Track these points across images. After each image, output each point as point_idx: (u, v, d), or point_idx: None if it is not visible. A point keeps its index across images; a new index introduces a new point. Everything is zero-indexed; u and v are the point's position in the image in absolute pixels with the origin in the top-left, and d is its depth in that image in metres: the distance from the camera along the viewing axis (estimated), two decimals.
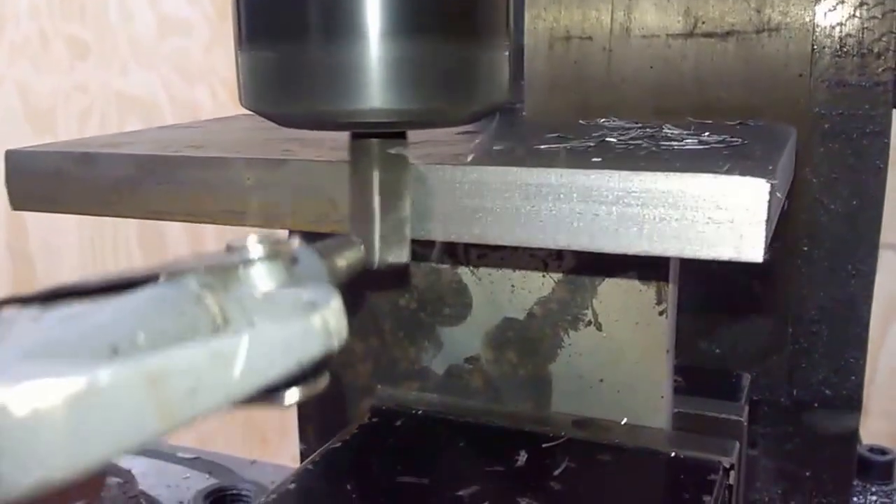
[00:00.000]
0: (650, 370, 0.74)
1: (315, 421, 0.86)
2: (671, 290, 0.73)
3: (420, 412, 0.79)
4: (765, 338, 0.93)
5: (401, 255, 0.58)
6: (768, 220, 0.50)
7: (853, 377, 0.92)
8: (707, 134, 0.67)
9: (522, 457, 0.72)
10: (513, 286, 0.77)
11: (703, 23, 0.86)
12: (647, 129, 0.70)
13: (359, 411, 0.83)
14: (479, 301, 0.78)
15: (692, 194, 0.51)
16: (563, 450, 0.73)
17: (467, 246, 0.77)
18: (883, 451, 1.09)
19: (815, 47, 0.84)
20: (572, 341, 0.76)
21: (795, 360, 0.93)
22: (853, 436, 0.94)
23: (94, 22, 1.87)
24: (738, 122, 0.77)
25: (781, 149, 0.61)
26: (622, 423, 0.75)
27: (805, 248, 0.89)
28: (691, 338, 0.93)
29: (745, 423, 0.77)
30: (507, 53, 0.56)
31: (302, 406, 0.86)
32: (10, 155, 0.71)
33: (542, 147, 0.63)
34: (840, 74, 0.84)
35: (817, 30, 0.83)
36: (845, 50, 0.83)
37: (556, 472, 0.70)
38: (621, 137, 0.67)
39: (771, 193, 0.50)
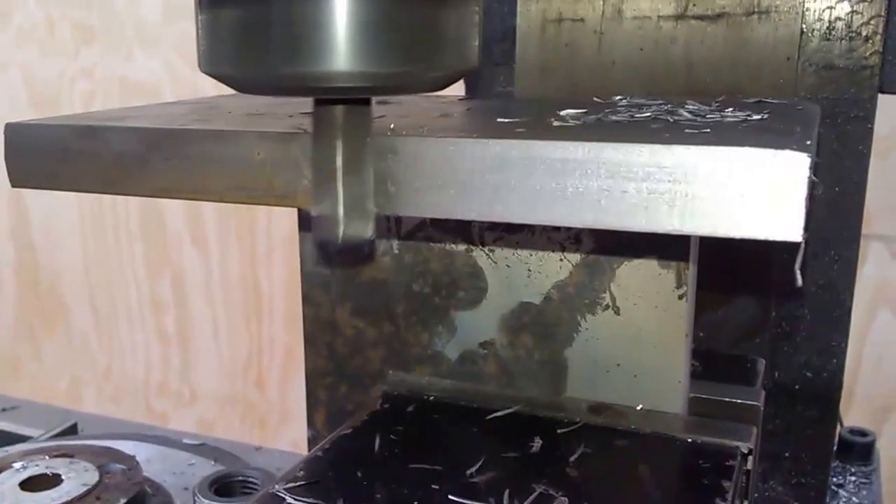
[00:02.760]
0: (668, 355, 0.72)
1: (323, 407, 0.84)
2: (691, 272, 0.71)
3: (432, 398, 0.77)
4: (747, 320, 0.92)
5: (365, 230, 0.56)
6: (807, 198, 0.48)
7: (834, 360, 0.91)
8: (731, 110, 0.64)
9: (537, 443, 0.69)
10: (529, 270, 0.74)
11: (695, 5, 0.84)
12: (667, 106, 0.68)
13: (369, 397, 0.81)
14: (494, 285, 0.76)
15: (726, 169, 0.49)
16: (579, 436, 0.71)
17: (482, 228, 0.75)
18: (863, 433, 1.09)
19: (805, 30, 0.82)
20: (589, 326, 0.74)
21: (777, 342, 0.91)
22: (833, 418, 0.94)
23: (100, 6, 1.85)
24: (756, 99, 0.75)
25: (811, 125, 0.59)
26: (638, 408, 0.73)
27: None
28: None
29: (762, 408, 0.75)
30: (477, 17, 0.54)
31: (310, 392, 0.84)
32: (10, 129, 0.68)
33: (562, 123, 0.61)
34: (828, 58, 0.82)
35: (807, 13, 0.82)
36: (833, 33, 0.81)
37: (572, 459, 0.68)
38: (641, 113, 0.64)
39: (811, 168, 0.47)
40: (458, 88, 0.78)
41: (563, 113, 0.64)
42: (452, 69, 0.53)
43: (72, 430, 1.18)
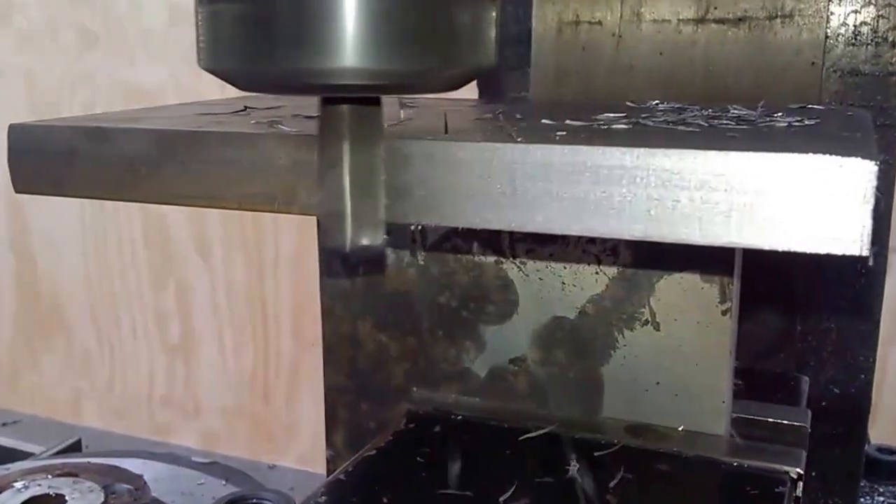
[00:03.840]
0: (711, 373, 0.70)
1: (343, 425, 0.82)
2: (735, 286, 0.68)
3: (460, 417, 0.74)
4: (772, 334, 0.89)
5: (375, 238, 0.53)
6: (874, 209, 0.45)
7: (862, 375, 0.89)
8: (779, 115, 0.62)
9: (574, 466, 0.67)
10: (563, 283, 0.72)
11: (716, 8, 0.82)
12: (707, 111, 0.65)
13: (392, 416, 0.78)
14: (525, 298, 0.74)
15: (787, 178, 0.46)
16: (618, 459, 0.68)
17: (513, 239, 0.73)
18: (892, 451, 1.06)
19: (829, 35, 0.80)
20: (627, 342, 0.71)
21: (803, 357, 0.89)
22: (861, 435, 0.92)
23: (102, 10, 1.83)
24: (802, 104, 0.72)
25: (868, 131, 0.57)
26: (679, 429, 0.71)
27: None
28: None
29: (809, 430, 0.73)
30: (494, 12, 0.51)
31: (328, 409, 0.81)
32: (13, 130, 0.64)
33: (603, 127, 0.58)
34: (853, 63, 0.80)
35: (831, 17, 0.80)
36: (859, 38, 0.79)
37: (612, 484, 0.65)
38: (684, 118, 0.62)
39: (878, 177, 0.45)
40: (469, 92, 0.76)
41: (601, 117, 0.62)
42: (469, 67, 0.51)
43: (76, 447, 1.16)
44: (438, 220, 0.53)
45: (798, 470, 0.66)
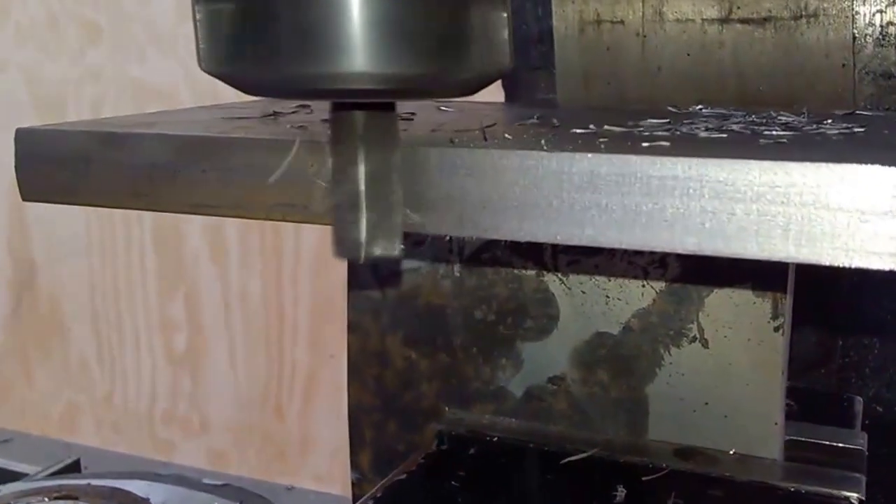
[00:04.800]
0: (763, 393, 0.69)
1: (369, 446, 0.81)
2: (788, 302, 0.68)
3: (495, 438, 0.74)
4: (811, 350, 0.89)
5: (391, 248, 0.52)
6: None
7: None
8: (828, 122, 0.61)
9: (621, 492, 0.67)
10: (607, 297, 0.72)
11: (739, 8, 0.82)
12: (752, 116, 0.65)
13: (422, 437, 0.78)
14: (567, 313, 0.73)
15: (847, 189, 0.46)
16: (667, 484, 0.68)
17: (556, 251, 0.72)
18: None
19: (857, 36, 0.79)
20: (674, 359, 0.71)
21: (844, 374, 0.88)
22: None
23: (107, 4, 1.83)
24: (849, 111, 0.72)
25: None
26: (730, 452, 0.70)
27: None
28: None
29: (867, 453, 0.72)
30: (506, 14, 0.51)
31: (354, 429, 0.81)
32: (22, 135, 0.64)
33: (645, 134, 0.58)
34: (885, 65, 0.79)
35: (857, 17, 0.79)
36: (887, 39, 0.79)
37: None
38: (732, 125, 0.61)
39: None
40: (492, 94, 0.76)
41: (643, 123, 0.61)
42: (484, 71, 0.50)
43: (74, 467, 1.15)
44: (479, 233, 0.53)
45: (859, 496, 0.66)
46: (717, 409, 0.70)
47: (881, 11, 0.79)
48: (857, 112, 0.71)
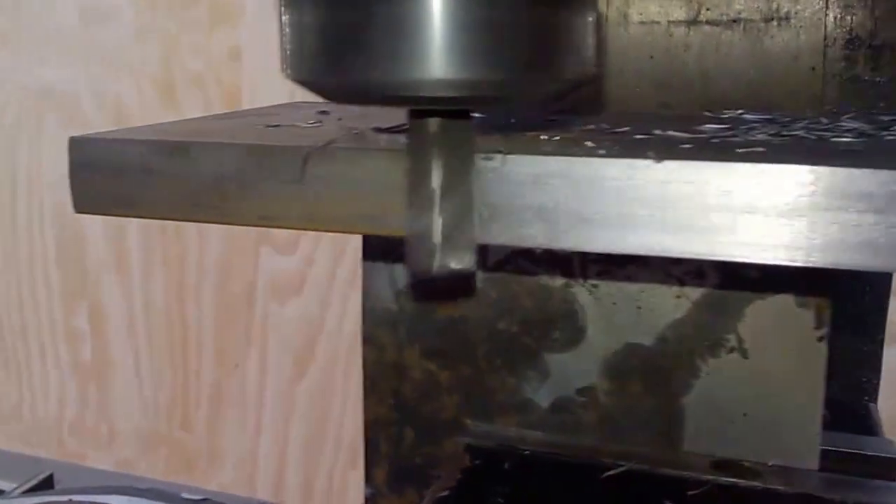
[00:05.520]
0: (804, 403, 0.68)
1: (386, 461, 0.77)
2: (830, 311, 0.67)
3: (527, 452, 0.71)
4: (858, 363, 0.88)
5: (465, 260, 0.50)
6: None
7: (866, 398, 0.87)
8: None
9: None
10: (639, 307, 0.70)
11: (708, 9, 0.81)
12: (806, 121, 0.64)
13: (442, 450, 0.75)
14: (596, 323, 0.71)
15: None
16: (713, 498, 0.66)
17: (585, 260, 0.70)
18: None
19: (827, 39, 0.79)
20: (711, 370, 0.69)
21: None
22: None
23: (9, 8, 1.76)
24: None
25: None
26: (769, 464, 0.69)
27: None
28: None
29: None
30: (593, 17, 0.49)
31: (370, 444, 0.77)
32: (77, 144, 0.60)
33: (715, 140, 0.55)
34: (852, 69, 0.80)
35: (828, 20, 0.79)
36: (856, 43, 0.79)
37: None
38: (790, 130, 0.60)
39: None
40: None
41: (703, 128, 0.59)
42: (569, 78, 0.48)
43: (48, 483, 1.09)
44: (573, 246, 0.50)
45: None
46: (755, 420, 0.69)
47: (852, 15, 0.79)
48: None
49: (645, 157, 0.47)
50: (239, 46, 1.67)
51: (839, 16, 0.78)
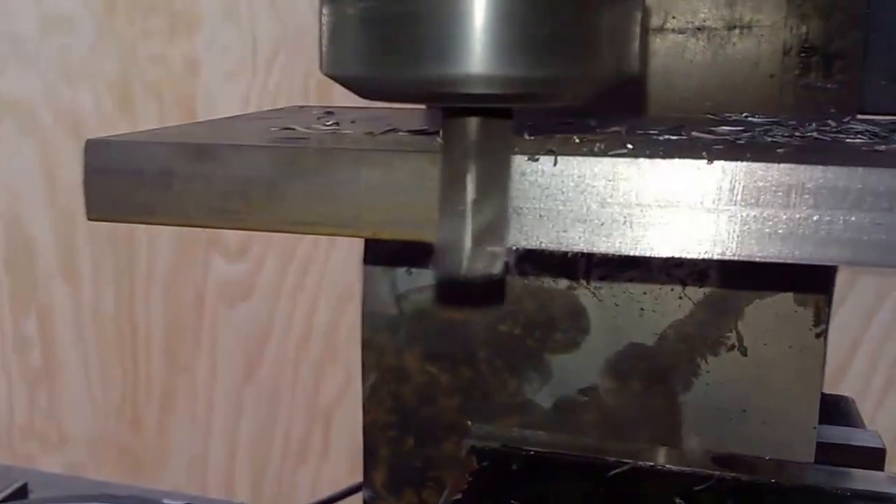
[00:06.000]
0: (802, 399, 0.69)
1: (385, 464, 0.77)
2: (830, 308, 0.68)
3: (532, 452, 0.71)
4: None
5: (495, 265, 0.49)
6: None
7: None
8: None
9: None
10: (642, 308, 0.70)
11: (674, 17, 0.83)
12: (814, 125, 0.65)
13: (441, 452, 0.75)
14: (598, 325, 0.71)
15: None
16: (720, 493, 0.66)
17: (589, 263, 0.70)
18: None
19: (786, 47, 0.81)
20: (711, 368, 0.70)
21: None
22: None
23: None
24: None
25: None
26: (766, 458, 0.70)
27: None
28: None
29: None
30: (639, 14, 0.49)
31: (368, 448, 0.77)
32: (93, 147, 0.57)
33: (741, 141, 0.56)
34: (806, 76, 0.82)
35: (788, 29, 0.81)
36: (812, 50, 0.81)
37: None
38: (805, 132, 0.61)
39: None
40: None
41: (719, 130, 0.61)
42: (611, 76, 0.47)
43: (22, 492, 1.06)
44: (616, 251, 0.50)
45: None
46: (754, 416, 0.70)
47: (808, 24, 0.80)
48: None
49: (700, 157, 0.48)
50: (196, 56, 1.66)
51: (797, 25, 0.79)
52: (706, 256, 0.48)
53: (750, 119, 0.70)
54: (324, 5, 0.47)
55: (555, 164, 0.50)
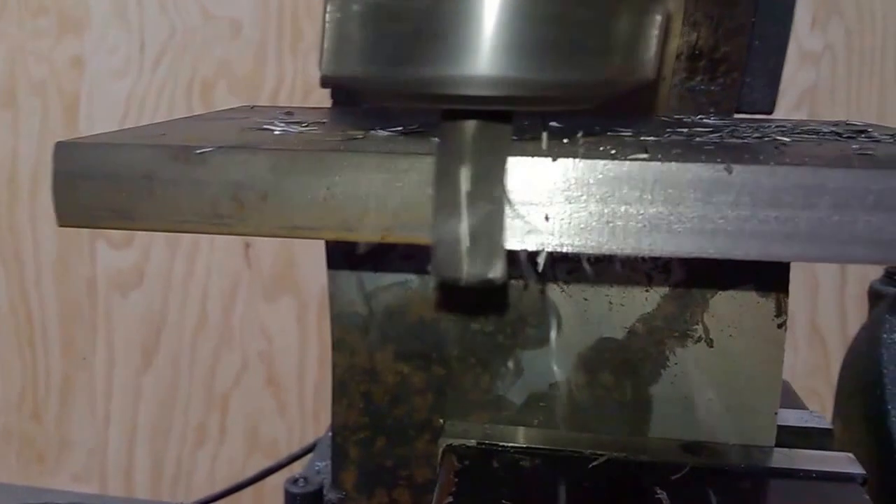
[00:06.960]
0: (765, 386, 0.71)
1: (354, 466, 0.76)
2: (787, 300, 0.70)
3: (511, 448, 0.71)
4: None
5: (493, 269, 0.49)
6: None
7: None
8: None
9: (663, 494, 0.66)
10: (610, 303, 0.71)
11: None
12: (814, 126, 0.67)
13: (413, 451, 0.74)
14: (569, 320, 0.72)
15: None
16: (697, 481, 0.67)
17: (556, 260, 0.70)
18: None
19: (678, 51, 0.84)
20: (679, 360, 0.71)
21: None
22: None
23: None
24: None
25: None
26: (731, 444, 0.71)
27: None
28: None
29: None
30: (658, 19, 0.48)
31: (338, 449, 0.76)
32: (61, 149, 0.53)
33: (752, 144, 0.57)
34: (692, 77, 0.84)
35: (680, 35, 0.83)
36: (699, 55, 0.84)
37: None
38: (813, 134, 0.63)
39: None
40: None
41: (695, 130, 0.62)
42: (623, 80, 0.48)
43: None
44: (638, 252, 0.50)
45: (861, 472, 0.68)
46: (719, 404, 0.71)
47: (699, 30, 0.82)
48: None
49: (717, 162, 0.48)
50: (81, 56, 1.62)
51: (688, 32, 0.81)
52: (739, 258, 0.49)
53: (705, 120, 0.71)
54: (328, 6, 0.46)
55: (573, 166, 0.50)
